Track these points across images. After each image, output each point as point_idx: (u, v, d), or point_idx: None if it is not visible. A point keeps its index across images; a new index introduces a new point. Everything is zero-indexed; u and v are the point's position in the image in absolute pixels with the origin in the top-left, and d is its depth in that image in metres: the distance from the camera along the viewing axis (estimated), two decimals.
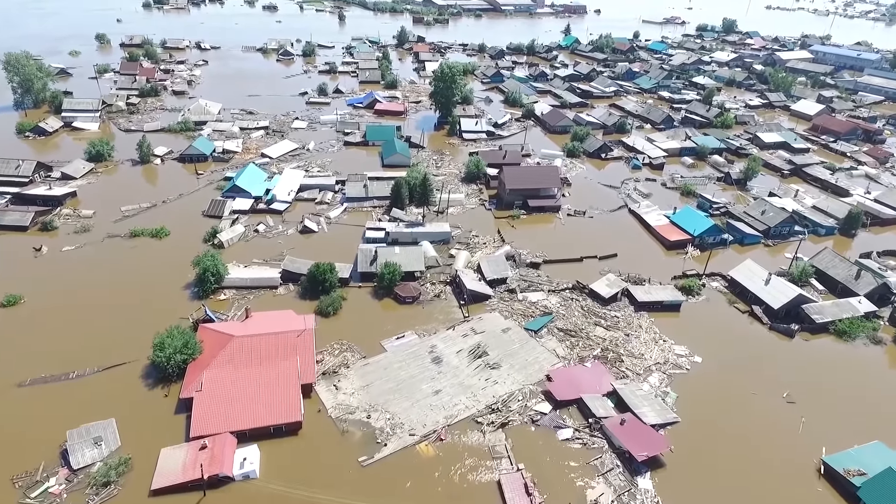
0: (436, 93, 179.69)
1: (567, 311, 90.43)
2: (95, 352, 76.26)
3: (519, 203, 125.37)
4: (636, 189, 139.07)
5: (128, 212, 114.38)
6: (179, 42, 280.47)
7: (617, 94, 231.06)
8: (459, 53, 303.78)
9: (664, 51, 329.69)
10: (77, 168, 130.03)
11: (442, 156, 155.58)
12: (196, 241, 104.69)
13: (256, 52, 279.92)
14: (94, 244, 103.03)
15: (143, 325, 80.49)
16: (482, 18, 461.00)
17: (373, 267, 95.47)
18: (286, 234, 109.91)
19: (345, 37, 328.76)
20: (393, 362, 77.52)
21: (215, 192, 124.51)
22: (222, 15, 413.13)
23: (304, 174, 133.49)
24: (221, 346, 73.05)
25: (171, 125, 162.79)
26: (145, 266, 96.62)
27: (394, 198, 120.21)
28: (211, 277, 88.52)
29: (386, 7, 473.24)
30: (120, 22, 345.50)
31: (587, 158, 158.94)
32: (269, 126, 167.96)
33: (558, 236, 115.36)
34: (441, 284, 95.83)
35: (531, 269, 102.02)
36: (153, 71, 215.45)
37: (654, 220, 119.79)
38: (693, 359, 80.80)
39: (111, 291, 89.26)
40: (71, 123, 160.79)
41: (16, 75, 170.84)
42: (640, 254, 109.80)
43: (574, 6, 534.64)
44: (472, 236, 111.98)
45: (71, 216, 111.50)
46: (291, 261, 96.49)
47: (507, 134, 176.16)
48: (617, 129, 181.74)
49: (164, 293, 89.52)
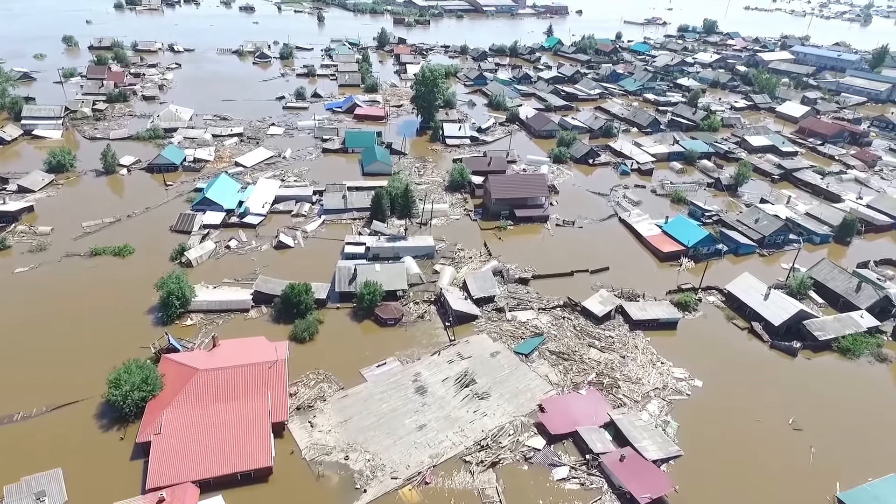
0: (417, 97, 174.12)
1: (559, 332, 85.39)
2: (45, 388, 69.30)
3: (505, 213, 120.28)
4: (626, 197, 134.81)
5: (89, 228, 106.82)
6: (151, 44, 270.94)
7: (602, 96, 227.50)
8: (441, 55, 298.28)
9: (647, 52, 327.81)
10: (35, 180, 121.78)
11: (424, 163, 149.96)
12: (163, 260, 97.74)
13: (232, 54, 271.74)
14: (51, 264, 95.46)
15: (100, 357, 73.78)
16: (464, 19, 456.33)
17: (352, 286, 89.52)
18: (260, 251, 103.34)
19: (324, 38, 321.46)
20: (374, 394, 71.69)
21: (185, 205, 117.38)
22: (197, 16, 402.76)
23: (279, 184, 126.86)
24: (185, 381, 66.55)
25: (139, 132, 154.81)
26: (105, 288, 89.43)
27: (374, 209, 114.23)
28: (176, 301, 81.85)
29: (366, 8, 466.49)
30: (90, 23, 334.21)
31: (574, 164, 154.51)
32: (243, 133, 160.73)
33: (547, 248, 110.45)
34: (425, 304, 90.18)
35: (520, 285, 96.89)
36: (122, 75, 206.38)
37: (646, 230, 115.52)
38: (693, 383, 76.20)
39: (66, 318, 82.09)
40: (31, 131, 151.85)
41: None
42: (633, 266, 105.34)
43: (556, 7, 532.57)
44: (457, 250, 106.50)
45: (26, 233, 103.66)
46: (264, 280, 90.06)
47: (492, 139, 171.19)
48: (603, 133, 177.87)
49: (124, 319, 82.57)
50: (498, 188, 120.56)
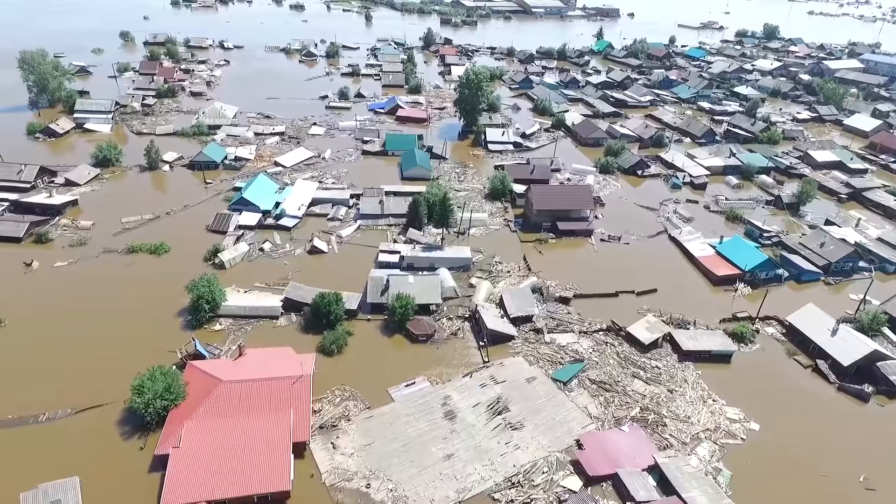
0: (461, 100, 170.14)
1: (601, 359, 79.74)
2: (72, 389, 68.48)
3: (547, 225, 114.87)
4: (676, 212, 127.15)
5: (128, 224, 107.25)
6: (203, 41, 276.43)
7: (653, 103, 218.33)
8: (487, 57, 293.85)
9: (703, 57, 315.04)
10: (81, 174, 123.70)
11: (465, 168, 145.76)
12: (196, 260, 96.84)
13: (280, 52, 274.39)
14: (89, 260, 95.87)
15: (128, 358, 72.80)
16: (511, 21, 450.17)
17: (384, 298, 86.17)
18: (293, 255, 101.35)
19: (370, 38, 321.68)
20: (400, 415, 67.99)
21: (223, 204, 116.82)
22: (249, 14, 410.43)
23: (317, 186, 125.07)
24: (207, 392, 64.46)
25: (184, 129, 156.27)
26: (139, 287, 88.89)
27: (411, 216, 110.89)
28: (205, 305, 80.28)
29: (413, 8, 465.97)
30: (147, 19, 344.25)
31: (622, 175, 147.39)
32: (284, 132, 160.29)
33: (590, 265, 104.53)
34: (459, 320, 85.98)
35: (560, 304, 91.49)
36: (172, 71, 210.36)
37: (698, 250, 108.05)
38: (749, 426, 69.38)
39: (99, 316, 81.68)
40: (83, 125, 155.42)
41: (31, 74, 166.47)
42: (683, 289, 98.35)
43: (607, 9, 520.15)
44: (494, 263, 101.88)
45: (68, 227, 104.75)
46: (295, 287, 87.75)
47: (536, 146, 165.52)
48: (654, 142, 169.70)
49: (155, 320, 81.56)
50: (540, 199, 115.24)
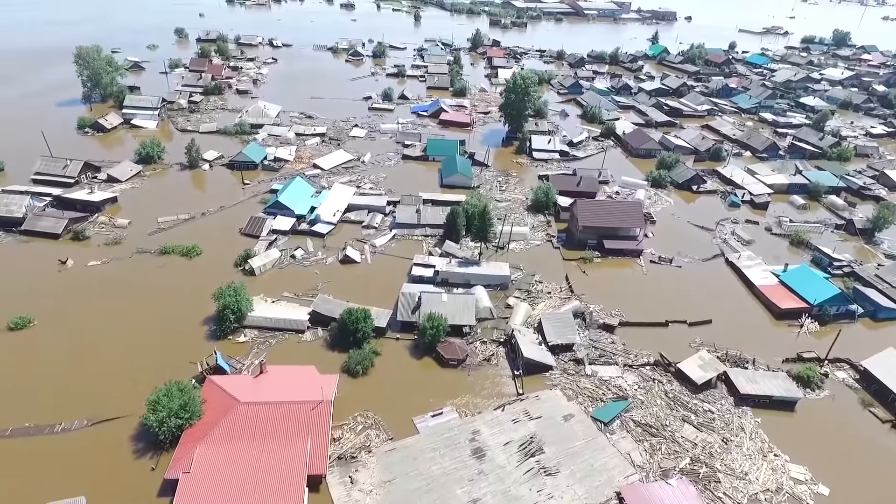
0: (507, 105, 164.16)
1: (647, 398, 72.75)
2: (91, 397, 66.72)
3: (593, 243, 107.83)
4: (735, 234, 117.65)
5: (163, 224, 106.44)
6: (253, 38, 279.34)
7: (710, 113, 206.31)
8: (536, 60, 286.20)
9: (765, 65, 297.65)
10: (124, 171, 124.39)
11: (507, 177, 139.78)
12: (227, 265, 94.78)
13: (327, 51, 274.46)
14: (122, 260, 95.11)
15: (150, 368, 71.06)
16: (562, 23, 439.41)
17: (415, 316, 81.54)
18: (325, 264, 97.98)
19: (418, 38, 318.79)
20: (425, 450, 63.09)
21: (258, 206, 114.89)
22: (301, 12, 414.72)
23: (354, 191, 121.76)
24: (223, 413, 61.27)
25: (227, 127, 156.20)
26: (168, 291, 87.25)
27: (448, 228, 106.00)
28: (231, 316, 77.59)
29: (463, 8, 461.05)
30: (202, 17, 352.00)
31: (675, 190, 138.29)
32: (325, 133, 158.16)
33: (638, 289, 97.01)
34: (493, 345, 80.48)
35: (604, 332, 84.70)
36: (221, 68, 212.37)
37: (759, 278, 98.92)
38: (817, 489, 61.25)
39: (126, 320, 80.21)
40: (130, 121, 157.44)
41: (85, 69, 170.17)
42: (741, 322, 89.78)
43: (663, 12, 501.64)
44: (534, 282, 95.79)
45: (106, 225, 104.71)
46: (324, 300, 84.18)
47: (584, 155, 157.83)
48: (711, 155, 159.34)
49: (180, 328, 79.45)
50: (586, 214, 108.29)
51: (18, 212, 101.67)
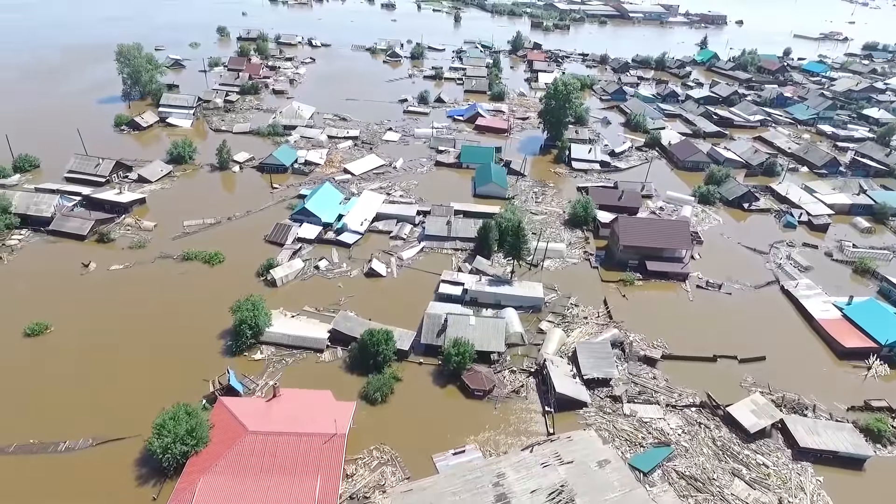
0: (546, 111, 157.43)
1: (692, 445, 65.71)
2: (100, 412, 64.06)
3: (634, 264, 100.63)
4: (791, 258, 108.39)
5: (189, 228, 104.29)
6: (292, 38, 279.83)
7: (763, 124, 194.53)
8: (578, 64, 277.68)
9: (824, 73, 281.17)
10: (154, 171, 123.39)
11: (544, 188, 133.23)
12: (249, 274, 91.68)
13: (365, 51, 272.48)
14: (144, 265, 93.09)
15: (162, 383, 68.29)
16: (606, 25, 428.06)
17: (440, 339, 76.44)
18: (349, 276, 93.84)
19: (457, 39, 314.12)
20: (444, 493, 57.80)
21: (285, 212, 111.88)
22: (342, 11, 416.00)
23: (384, 199, 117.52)
24: (231, 442, 57.41)
25: (260, 128, 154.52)
26: (187, 300, 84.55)
27: (480, 243, 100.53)
28: (247, 331, 74.06)
29: (504, 10, 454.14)
30: (245, 15, 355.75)
31: (724, 207, 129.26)
32: (358, 136, 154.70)
33: (683, 317, 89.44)
34: (523, 375, 74.65)
35: (644, 365, 77.78)
36: (258, 67, 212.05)
37: (819, 311, 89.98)
38: None
39: (142, 331, 77.56)
40: (166, 119, 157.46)
41: (126, 67, 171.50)
42: (799, 360, 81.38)
43: (712, 16, 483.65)
44: (570, 305, 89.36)
45: (131, 227, 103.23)
46: (345, 318, 79.89)
47: (626, 166, 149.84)
48: (764, 170, 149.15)
49: (196, 340, 76.37)
50: (628, 233, 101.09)
51: (47, 211, 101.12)
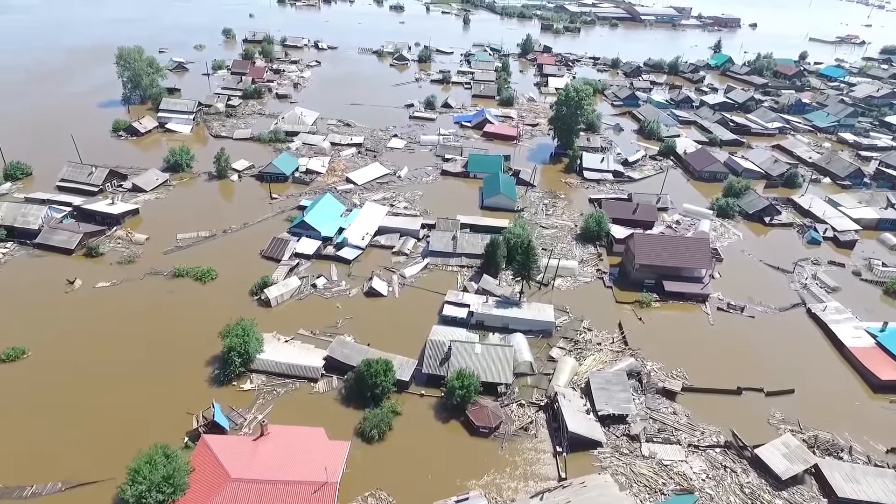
0: (557, 118, 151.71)
1: (717, 491, 59.92)
2: (73, 452, 59.22)
3: (650, 283, 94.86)
4: (817, 277, 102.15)
5: (182, 241, 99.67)
6: (298, 40, 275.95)
7: (782, 131, 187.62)
8: (588, 68, 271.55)
9: (842, 78, 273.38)
10: (149, 179, 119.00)
11: (555, 199, 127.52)
12: (242, 292, 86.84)
13: (372, 54, 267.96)
14: (133, 282, 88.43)
15: (143, 417, 63.57)
16: (618, 28, 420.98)
17: (443, 368, 71.15)
18: (348, 295, 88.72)
19: (466, 42, 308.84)
20: None
21: (283, 225, 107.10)
22: (350, 13, 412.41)
23: (387, 210, 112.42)
24: (212, 490, 52.36)
25: (261, 134, 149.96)
26: (175, 322, 79.74)
27: (487, 260, 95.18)
28: (237, 359, 69.07)
29: (514, 12, 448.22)
30: (252, 17, 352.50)
31: (744, 221, 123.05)
32: (362, 144, 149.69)
33: (704, 344, 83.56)
34: (532, 409, 69.16)
35: (663, 398, 72.07)
36: (263, 71, 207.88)
37: (851, 338, 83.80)
38: None
39: (124, 357, 72.59)
40: (165, 124, 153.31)
41: (126, 70, 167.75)
42: (830, 392, 75.35)
43: (725, 19, 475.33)
44: (582, 330, 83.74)
45: (122, 240, 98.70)
46: (341, 344, 74.77)
47: (640, 176, 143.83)
48: (785, 181, 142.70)
49: (182, 367, 71.52)
50: (645, 251, 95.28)
51: (35, 223, 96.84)
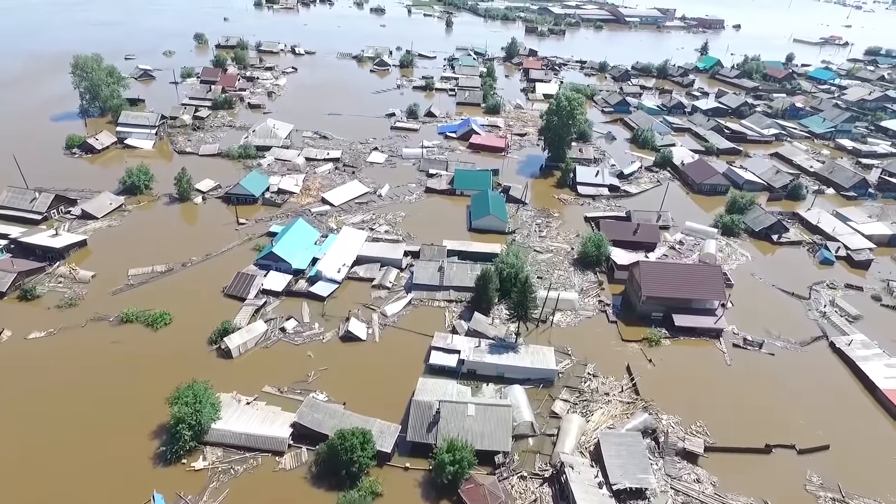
0: (547, 128, 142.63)
1: None
2: None
3: (658, 316, 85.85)
4: (835, 304, 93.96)
5: (133, 278, 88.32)
6: (274, 45, 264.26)
7: (778, 138, 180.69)
8: (576, 72, 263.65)
9: (832, 80, 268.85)
10: (101, 205, 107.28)
11: (548, 219, 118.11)
12: (200, 341, 75.97)
13: (352, 59, 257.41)
14: (72, 331, 76.93)
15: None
16: (602, 30, 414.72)
17: (431, 434, 61.13)
18: (322, 341, 78.20)
19: (449, 46, 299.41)
20: None
21: (250, 255, 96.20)
22: (330, 16, 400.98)
23: (366, 236, 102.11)
24: None
25: (230, 149, 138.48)
26: (119, 381, 68.52)
27: (479, 294, 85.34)
28: (186, 433, 58.28)
29: (497, 14, 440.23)
30: (227, 21, 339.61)
31: (750, 239, 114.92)
32: (340, 158, 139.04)
33: (722, 389, 74.54)
34: (536, 481, 59.39)
35: (684, 461, 62.82)
36: (234, 79, 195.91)
37: (882, 377, 75.45)
38: None
39: (51, 432, 61.45)
40: (124, 140, 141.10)
41: (83, 80, 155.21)
42: (868, 445, 66.76)
43: (710, 20, 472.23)
44: (587, 376, 74.29)
45: (65, 279, 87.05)
46: (312, 407, 64.31)
47: (637, 190, 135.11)
48: (788, 193, 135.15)
49: (123, 441, 60.52)
50: (651, 282, 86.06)
51: None
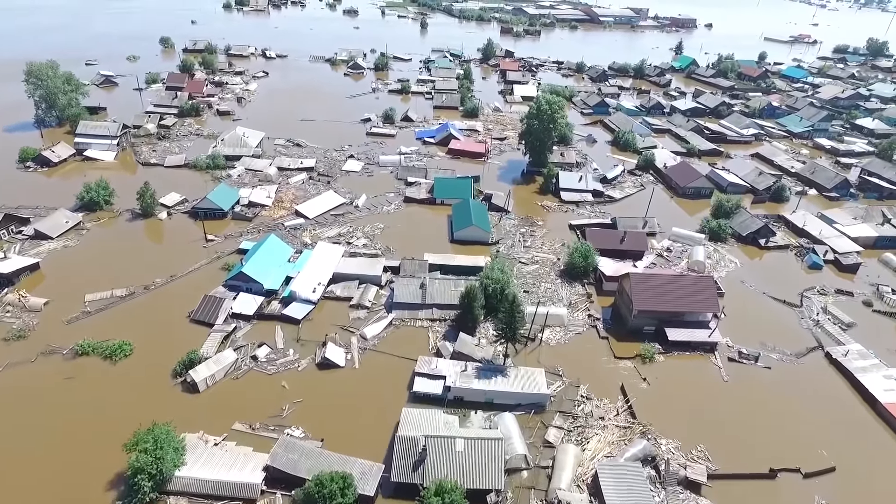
0: (528, 133, 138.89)
1: None
2: None
3: (650, 330, 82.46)
4: (827, 311, 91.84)
5: (90, 305, 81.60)
6: (244, 49, 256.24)
7: (757, 138, 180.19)
8: (553, 73, 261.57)
9: (804, 79, 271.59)
10: (56, 223, 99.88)
11: (532, 227, 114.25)
12: (163, 374, 69.99)
13: (325, 62, 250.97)
14: (19, 367, 70.05)
15: None
16: (577, 30, 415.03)
17: (417, 474, 56.37)
18: (297, 368, 72.81)
19: (424, 47, 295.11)
20: None
21: (219, 275, 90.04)
22: (301, 18, 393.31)
23: (343, 251, 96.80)
24: None
25: (198, 159, 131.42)
26: (72, 423, 62.22)
27: (463, 312, 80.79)
28: (146, 484, 52.48)
29: (472, 15, 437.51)
30: (195, 24, 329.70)
31: (737, 244, 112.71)
32: (314, 167, 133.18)
33: (720, 408, 71.21)
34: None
35: (687, 490, 59.18)
36: (202, 84, 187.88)
37: (882, 390, 73.11)
38: None
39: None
40: (83, 151, 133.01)
41: (38, 88, 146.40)
42: (874, 464, 64.08)
43: (682, 20, 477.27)
44: (580, 399, 70.33)
45: (13, 307, 79.91)
46: (286, 447, 58.91)
47: (621, 195, 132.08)
48: (772, 195, 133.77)
49: (73, 496, 54.41)
50: (643, 295, 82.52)
51: None
